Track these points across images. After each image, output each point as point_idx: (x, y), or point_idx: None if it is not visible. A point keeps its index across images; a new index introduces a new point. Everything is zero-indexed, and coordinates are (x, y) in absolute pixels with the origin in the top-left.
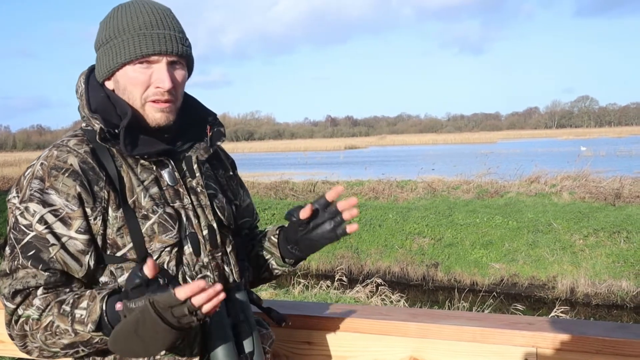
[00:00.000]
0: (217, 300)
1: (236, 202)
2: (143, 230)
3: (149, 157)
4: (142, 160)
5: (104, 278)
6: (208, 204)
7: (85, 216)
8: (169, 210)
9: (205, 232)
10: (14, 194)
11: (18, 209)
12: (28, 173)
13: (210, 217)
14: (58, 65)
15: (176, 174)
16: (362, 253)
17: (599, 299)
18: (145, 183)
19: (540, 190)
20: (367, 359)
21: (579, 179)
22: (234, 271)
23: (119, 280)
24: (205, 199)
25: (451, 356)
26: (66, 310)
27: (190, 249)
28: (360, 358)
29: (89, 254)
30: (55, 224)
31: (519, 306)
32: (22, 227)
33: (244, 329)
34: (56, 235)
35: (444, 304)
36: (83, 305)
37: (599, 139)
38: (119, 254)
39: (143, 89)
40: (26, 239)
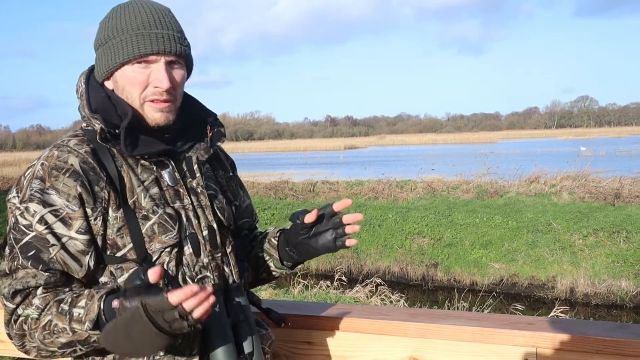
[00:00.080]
0: (208, 304)
1: (236, 203)
2: (143, 230)
3: (149, 158)
4: (143, 160)
5: (103, 278)
6: (208, 205)
7: (86, 216)
8: (169, 210)
9: (205, 233)
10: (14, 193)
11: (18, 209)
12: (28, 173)
13: (211, 218)
14: (58, 65)
15: (176, 174)
16: (362, 253)
17: (598, 298)
18: (145, 183)
19: (539, 190)
20: (367, 358)
21: (578, 179)
22: (233, 272)
23: (119, 280)
24: (206, 199)
25: (451, 356)
26: (64, 309)
27: (190, 250)
28: (360, 358)
29: (89, 254)
30: (56, 224)
31: (519, 306)
32: (22, 227)
33: (244, 329)
34: (56, 236)
35: (443, 303)
36: (81, 304)
37: (598, 139)
38: (119, 255)
39: (141, 88)
40: (26, 239)
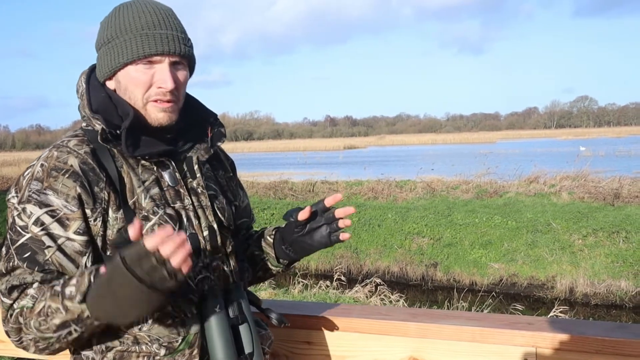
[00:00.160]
0: (185, 250)
1: (236, 203)
2: (143, 231)
3: (150, 158)
4: (143, 160)
5: None
6: (209, 205)
7: (85, 217)
8: (170, 211)
9: (205, 233)
10: (13, 193)
11: (16, 210)
12: (27, 173)
13: (211, 218)
14: (58, 65)
15: (177, 174)
16: (361, 253)
17: (598, 298)
18: (146, 184)
19: (539, 190)
20: (367, 358)
21: (578, 179)
22: (234, 272)
23: None
24: (206, 199)
25: (451, 356)
26: (57, 290)
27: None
28: (360, 358)
29: (87, 255)
30: (52, 225)
31: (518, 306)
32: (18, 229)
33: (244, 329)
34: (52, 237)
35: (443, 303)
36: (73, 282)
37: (598, 139)
38: None
39: (145, 89)
40: (21, 240)
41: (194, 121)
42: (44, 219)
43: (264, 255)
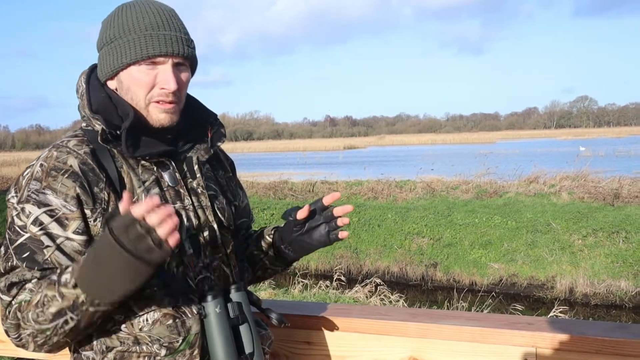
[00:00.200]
0: (172, 222)
1: (235, 203)
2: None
3: (150, 158)
4: (143, 161)
5: None
6: (209, 205)
7: (84, 217)
8: None
9: (205, 233)
10: (12, 193)
11: (15, 210)
12: (27, 173)
13: (211, 218)
14: (58, 65)
15: (177, 174)
16: (361, 253)
17: (597, 299)
18: (146, 184)
19: (539, 191)
20: (367, 358)
21: (577, 179)
22: (234, 272)
23: None
24: (206, 199)
25: (451, 356)
26: (53, 279)
27: (191, 250)
28: (360, 358)
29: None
30: (51, 225)
31: (518, 306)
32: (17, 228)
33: (244, 329)
34: (51, 237)
35: (443, 303)
36: (69, 270)
37: (597, 139)
38: None
39: (148, 89)
40: (20, 240)
41: (194, 121)
42: (43, 219)
43: (263, 255)
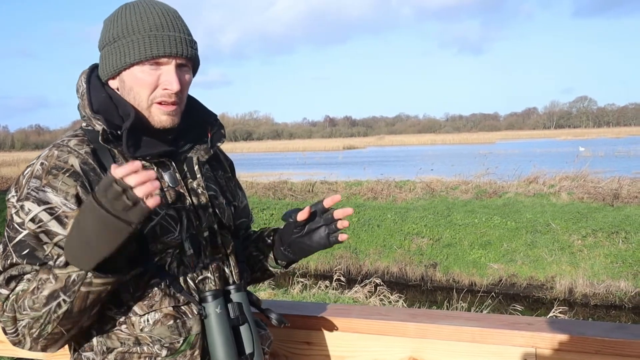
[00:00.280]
0: (152, 185)
1: (235, 203)
2: (144, 231)
3: (151, 159)
4: (144, 161)
5: None
6: (209, 205)
7: None
8: (171, 211)
9: (206, 234)
10: (12, 192)
11: (14, 207)
12: (27, 172)
13: (211, 219)
14: (57, 65)
15: (177, 175)
16: (361, 253)
17: (597, 299)
18: None
19: (538, 191)
20: (366, 359)
21: (577, 179)
22: (234, 272)
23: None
24: (206, 200)
25: (450, 356)
26: (50, 264)
27: (191, 251)
28: (359, 358)
29: None
30: (50, 222)
31: (518, 306)
32: (16, 226)
33: (244, 330)
34: (50, 234)
35: (442, 304)
36: (63, 253)
37: (597, 139)
38: None
39: (150, 90)
40: (19, 237)
41: (194, 122)
42: (42, 216)
43: (262, 256)
